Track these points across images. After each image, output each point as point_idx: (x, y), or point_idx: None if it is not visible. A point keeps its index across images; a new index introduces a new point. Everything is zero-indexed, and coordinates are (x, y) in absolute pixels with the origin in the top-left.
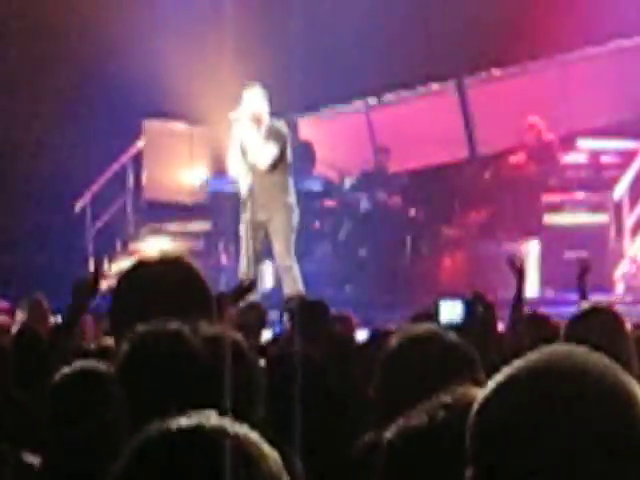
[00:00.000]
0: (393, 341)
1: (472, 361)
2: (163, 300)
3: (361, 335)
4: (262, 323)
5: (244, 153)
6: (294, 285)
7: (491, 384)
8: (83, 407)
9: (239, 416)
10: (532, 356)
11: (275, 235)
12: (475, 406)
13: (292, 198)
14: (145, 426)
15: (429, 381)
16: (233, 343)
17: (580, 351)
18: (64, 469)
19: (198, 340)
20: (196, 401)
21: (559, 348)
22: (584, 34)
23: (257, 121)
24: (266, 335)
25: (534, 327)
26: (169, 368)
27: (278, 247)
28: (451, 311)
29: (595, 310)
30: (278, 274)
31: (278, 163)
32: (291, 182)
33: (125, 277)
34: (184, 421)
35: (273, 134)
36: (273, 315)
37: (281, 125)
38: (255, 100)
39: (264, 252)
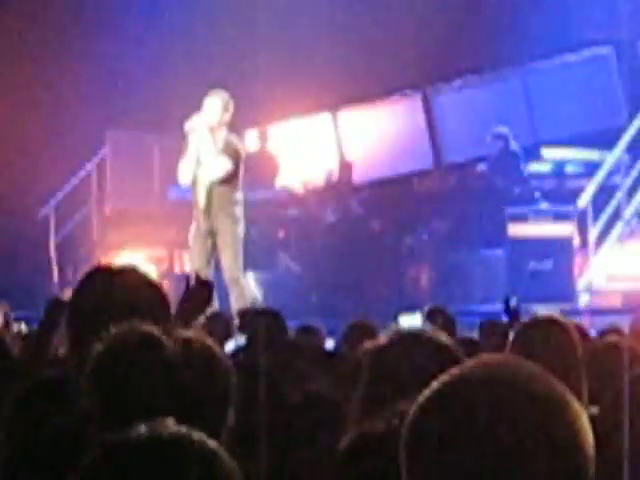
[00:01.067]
0: (381, 340)
1: (459, 361)
2: (119, 308)
3: (327, 345)
4: (227, 333)
5: (198, 163)
6: (242, 297)
7: (421, 396)
8: (46, 415)
9: (209, 421)
10: (463, 366)
11: (222, 247)
12: (408, 418)
13: (239, 210)
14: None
15: (415, 380)
16: (206, 348)
17: (511, 360)
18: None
19: (172, 344)
20: (169, 403)
21: (490, 358)
22: (549, 44)
23: (213, 132)
24: (230, 346)
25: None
26: (143, 370)
27: (226, 259)
28: (411, 323)
29: (541, 320)
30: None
31: (230, 177)
32: (240, 195)
33: (81, 286)
34: (143, 429)
35: (229, 148)
36: None
37: (237, 139)
38: (213, 109)
39: (214, 262)
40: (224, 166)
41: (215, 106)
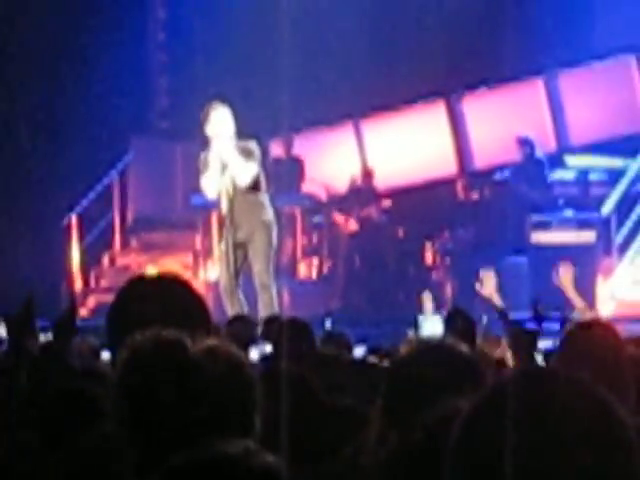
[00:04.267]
0: (403, 350)
1: (479, 373)
2: (162, 316)
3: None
4: (251, 337)
5: (223, 171)
6: (270, 304)
7: (473, 401)
8: (74, 425)
9: (235, 429)
10: (516, 370)
11: (255, 254)
12: (458, 424)
13: (270, 215)
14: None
15: (436, 391)
16: (232, 356)
17: (561, 369)
18: None
19: (197, 350)
20: (196, 410)
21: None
22: (572, 51)
23: (230, 140)
24: (254, 353)
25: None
26: (170, 375)
27: (258, 266)
28: (431, 326)
29: (590, 322)
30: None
31: (256, 181)
32: (268, 199)
33: (124, 293)
34: (209, 451)
35: (250, 153)
36: None
37: (254, 144)
38: (230, 119)
39: (244, 271)
40: (251, 170)
41: (229, 115)
